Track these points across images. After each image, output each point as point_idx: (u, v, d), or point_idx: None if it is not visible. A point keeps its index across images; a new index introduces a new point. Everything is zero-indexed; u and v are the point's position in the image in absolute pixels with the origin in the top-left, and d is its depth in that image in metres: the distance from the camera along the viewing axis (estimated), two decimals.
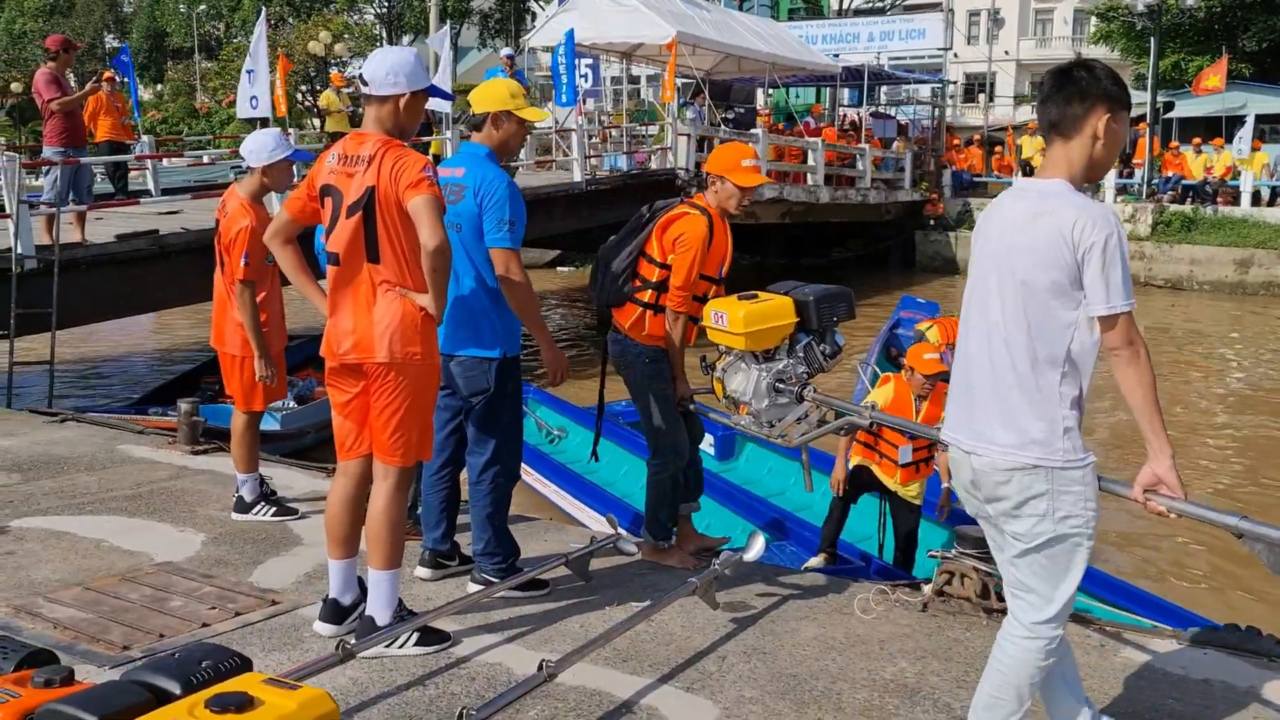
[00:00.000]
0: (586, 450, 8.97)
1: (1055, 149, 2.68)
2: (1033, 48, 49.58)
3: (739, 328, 4.15)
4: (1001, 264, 2.66)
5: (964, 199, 23.52)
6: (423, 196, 3.29)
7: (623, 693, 3.35)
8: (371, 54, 3.59)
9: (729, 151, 4.48)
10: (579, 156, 14.37)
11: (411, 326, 3.42)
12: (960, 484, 2.85)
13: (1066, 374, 2.61)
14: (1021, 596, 2.74)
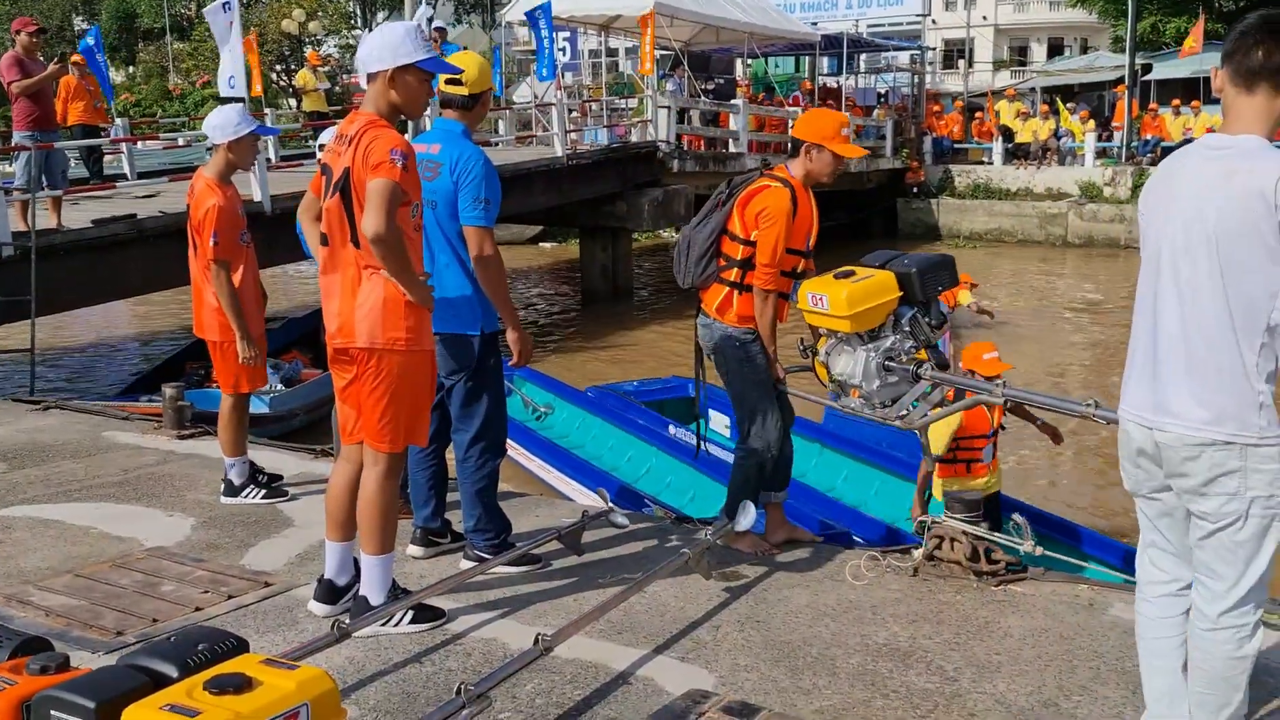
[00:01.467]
0: (573, 426, 9.07)
1: (1258, 100, 2.47)
2: (1010, 12, 49.42)
3: (843, 310, 3.95)
4: (1192, 228, 2.48)
5: (944, 165, 23.53)
6: (378, 180, 3.20)
7: (619, 664, 3.37)
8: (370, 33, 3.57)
9: (826, 119, 4.23)
10: (559, 131, 14.28)
11: (394, 312, 3.37)
12: (1131, 459, 2.69)
13: (1266, 345, 2.45)
14: (1204, 583, 2.59)
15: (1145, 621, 2.78)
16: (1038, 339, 13.23)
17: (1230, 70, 2.51)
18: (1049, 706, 3.14)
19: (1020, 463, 8.49)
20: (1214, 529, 2.52)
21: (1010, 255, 20.89)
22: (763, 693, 3.21)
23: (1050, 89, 30.47)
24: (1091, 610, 3.84)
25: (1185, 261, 2.50)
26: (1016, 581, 4.10)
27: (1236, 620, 2.53)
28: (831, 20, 29.11)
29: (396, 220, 3.25)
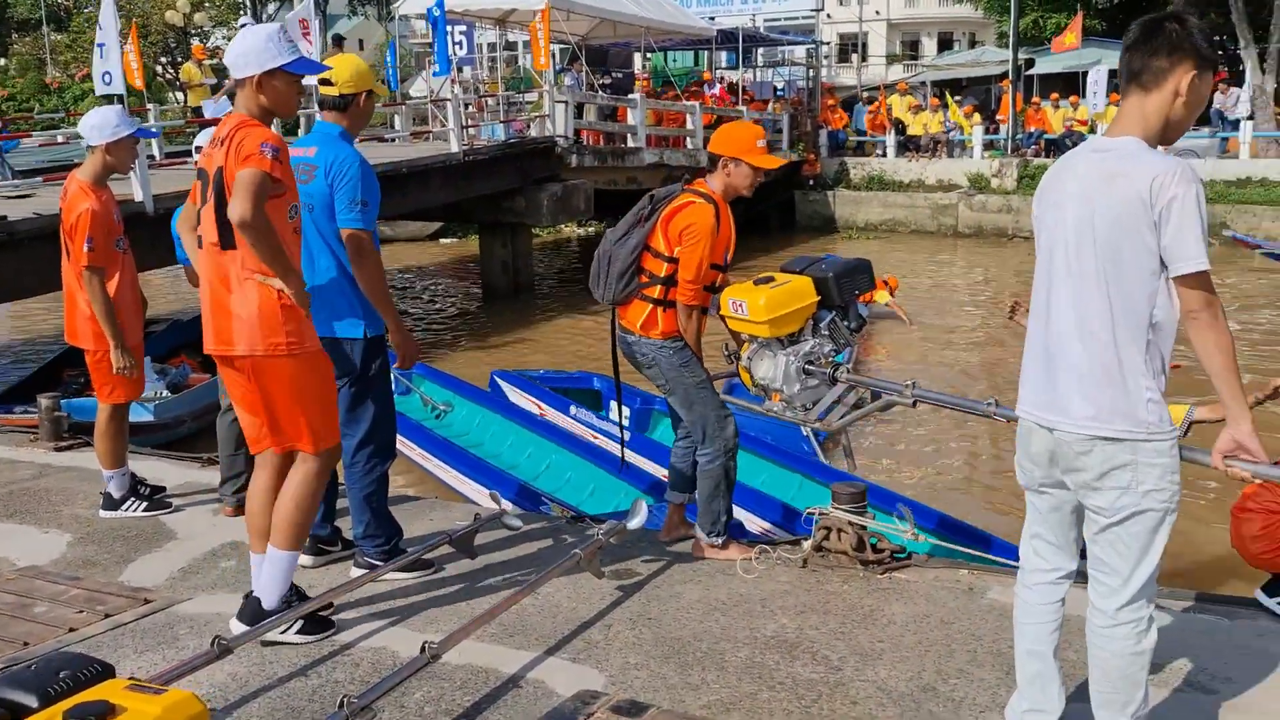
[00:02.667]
0: (472, 424, 9.01)
1: (1132, 101, 2.55)
2: (902, 7, 50.56)
3: (761, 315, 4.00)
4: (1081, 229, 2.54)
5: (840, 158, 23.95)
6: (245, 170, 3.18)
7: (509, 668, 3.37)
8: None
9: (741, 132, 4.20)
10: (455, 127, 14.12)
11: (271, 316, 3.32)
12: (1027, 455, 2.74)
13: (1151, 342, 2.51)
14: (1100, 579, 2.64)
15: (1024, 607, 2.89)
16: (935, 329, 13.58)
17: (1120, 74, 2.61)
18: (927, 691, 3.24)
19: (907, 455, 8.72)
20: (1108, 523, 2.59)
21: (904, 245, 21.37)
22: (652, 690, 3.24)
23: (940, 83, 31.28)
24: (971, 595, 3.98)
25: (1075, 262, 2.57)
26: (901, 569, 4.22)
27: (1133, 615, 2.60)
28: (728, 15, 29.45)
29: (266, 211, 3.21)
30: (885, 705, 3.15)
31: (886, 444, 8.88)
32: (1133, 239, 2.46)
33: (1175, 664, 3.39)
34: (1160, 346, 2.54)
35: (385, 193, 4.00)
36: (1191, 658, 3.43)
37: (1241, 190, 19.85)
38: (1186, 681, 3.29)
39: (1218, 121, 22.75)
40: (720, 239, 4.10)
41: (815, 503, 4.51)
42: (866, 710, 3.13)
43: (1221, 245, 18.64)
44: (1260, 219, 19.10)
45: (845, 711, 3.12)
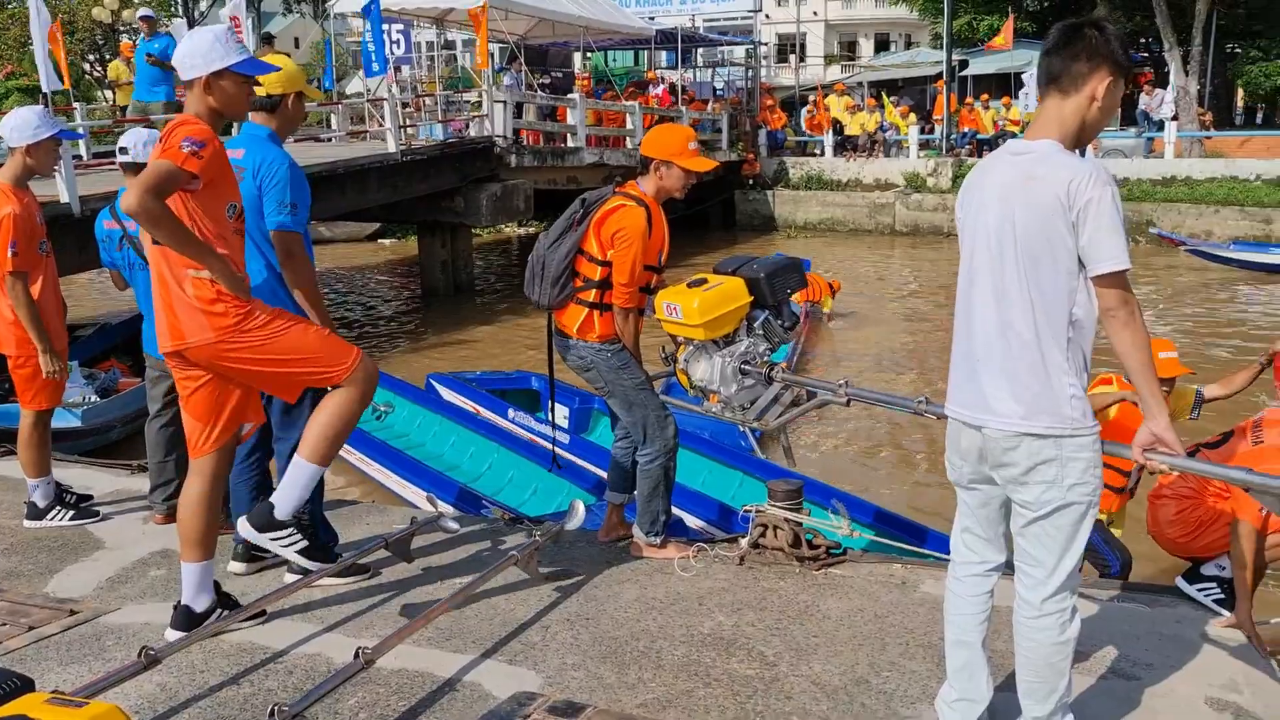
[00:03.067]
0: (413, 426, 8.94)
1: (1050, 105, 2.61)
2: (840, 9, 51.13)
3: (695, 319, 4.01)
4: (1002, 230, 2.59)
5: (779, 158, 24.16)
6: (158, 161, 3.12)
7: (445, 671, 3.35)
8: None
9: (672, 135, 4.19)
10: (392, 126, 13.98)
11: (208, 303, 3.26)
12: (957, 452, 2.80)
13: (1071, 340, 2.56)
14: (1027, 571, 2.71)
15: (953, 598, 2.95)
16: (873, 326, 13.76)
17: (1038, 77, 2.67)
18: (860, 684, 3.29)
19: (848, 450, 8.83)
20: (1034, 517, 2.65)
21: (842, 244, 21.63)
22: (589, 690, 3.25)
23: (877, 83, 31.70)
24: (904, 589, 4.04)
25: (996, 262, 2.63)
26: (836, 564, 4.27)
27: (1058, 605, 2.68)
28: (667, 15, 29.46)
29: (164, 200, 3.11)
30: (819, 699, 3.19)
31: (827, 440, 8.98)
32: (1051, 239, 2.52)
33: (1100, 652, 3.48)
34: (1081, 344, 2.60)
35: (321, 193, 3.97)
36: (1115, 645, 3.52)
37: (1166, 189, 20.39)
38: (1110, 669, 3.38)
39: (1144, 122, 23.34)
40: (653, 241, 4.12)
41: (755, 500, 4.55)
42: (800, 705, 3.16)
43: (1149, 243, 19.15)
44: (1185, 216, 19.64)
45: (780, 707, 3.15)
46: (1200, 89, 25.30)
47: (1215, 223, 19.35)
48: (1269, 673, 3.40)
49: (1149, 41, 29.38)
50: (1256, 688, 3.27)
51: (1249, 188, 19.76)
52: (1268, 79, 27.31)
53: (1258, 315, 14.05)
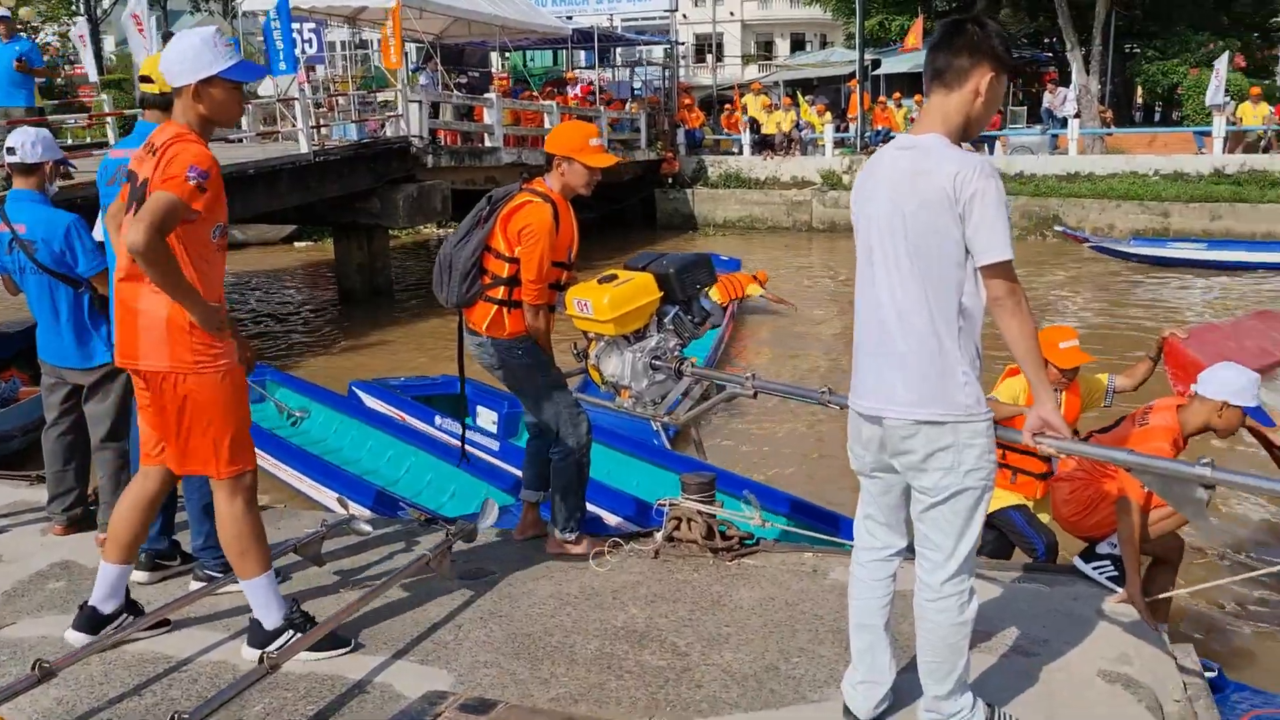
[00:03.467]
0: (329, 430, 8.80)
1: (935, 100, 2.67)
2: (756, 9, 51.62)
3: (605, 314, 4.02)
4: (893, 223, 2.65)
5: (698, 157, 24.32)
6: (159, 193, 3.01)
7: (355, 674, 3.31)
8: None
9: (573, 131, 4.19)
10: (304, 126, 13.74)
11: (178, 332, 3.15)
12: (859, 442, 2.86)
13: (962, 329, 2.63)
14: (926, 554, 2.78)
15: (856, 583, 3.01)
16: (798, 321, 13.93)
17: (924, 73, 2.75)
18: (770, 670, 3.34)
19: (765, 441, 8.93)
20: (932, 502, 2.73)
21: (762, 241, 21.85)
22: (501, 686, 3.25)
23: (792, 82, 32.11)
24: (815, 576, 4.11)
25: (889, 255, 2.69)
26: (749, 554, 4.33)
27: (956, 588, 2.76)
28: (584, 14, 29.49)
29: (183, 234, 3.06)
30: (729, 687, 3.24)
31: (745, 432, 9.08)
32: (939, 231, 2.60)
33: (1002, 632, 3.59)
34: (971, 333, 2.68)
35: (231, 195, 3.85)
36: (1016, 625, 3.63)
37: (1071, 185, 21.01)
38: (1011, 647, 3.49)
39: (1048, 120, 24.02)
40: (561, 237, 4.12)
41: (671, 494, 4.58)
42: (711, 693, 3.20)
43: (1055, 238, 19.73)
44: (1088, 211, 20.26)
45: (690, 695, 3.19)
46: (1101, 87, 26.14)
47: (1117, 216, 20.00)
48: (1159, 644, 3.54)
49: (1053, 41, 30.23)
50: (1146, 659, 3.41)
51: (1148, 182, 20.46)
52: (1164, 77, 28.28)
53: (1160, 306, 14.56)
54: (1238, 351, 5.13)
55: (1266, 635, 5.25)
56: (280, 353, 12.67)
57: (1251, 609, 5.52)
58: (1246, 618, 5.43)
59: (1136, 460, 2.88)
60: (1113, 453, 3.05)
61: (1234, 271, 16.60)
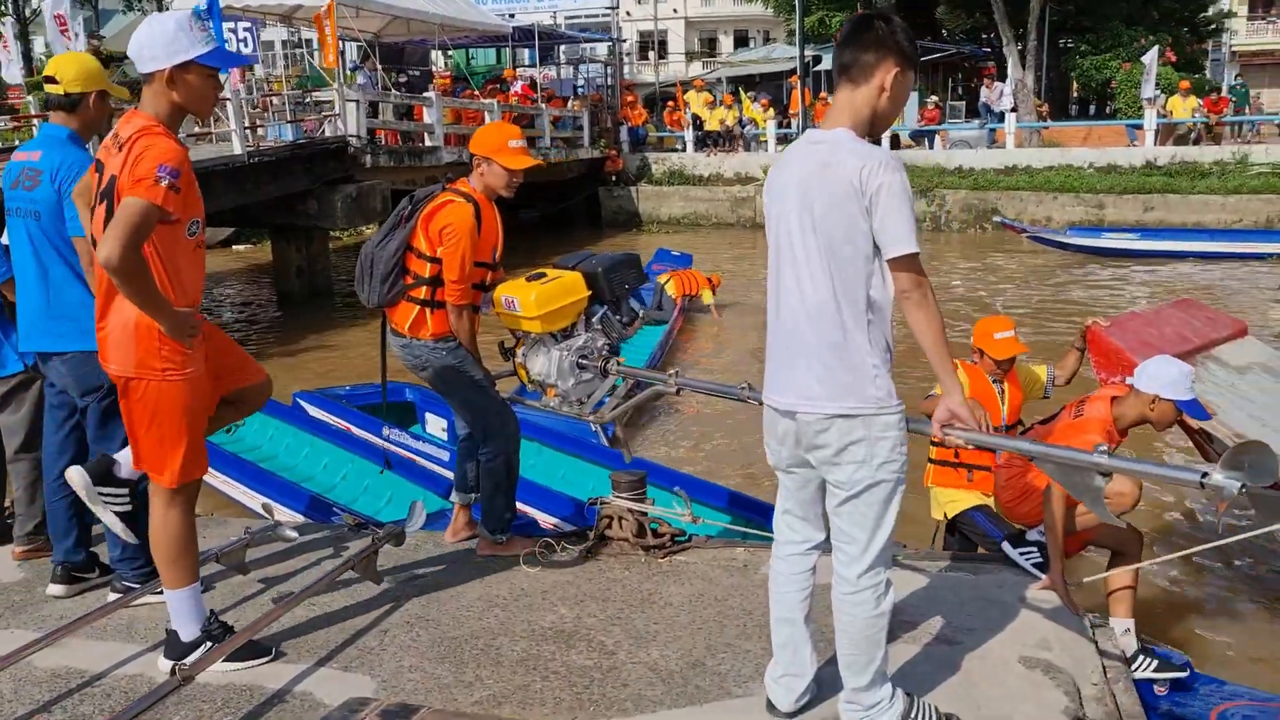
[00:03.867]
0: (265, 437, 8.66)
1: (842, 95, 2.69)
2: (699, 6, 51.74)
3: (532, 311, 3.99)
4: (802, 217, 2.66)
5: (641, 154, 24.32)
6: (130, 200, 2.86)
7: (275, 683, 3.25)
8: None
9: (494, 132, 4.15)
10: (237, 127, 13.51)
11: (146, 337, 3.05)
12: (774, 437, 2.85)
13: (872, 321, 2.64)
14: (842, 548, 2.78)
15: (776, 577, 3.02)
16: (748, 315, 13.97)
17: (833, 69, 2.75)
18: (696, 667, 3.34)
19: (705, 436, 8.96)
20: (847, 496, 2.73)
21: (706, 238, 21.90)
22: (425, 691, 3.21)
23: (735, 79, 32.22)
24: (745, 571, 4.12)
25: (799, 249, 2.70)
26: (681, 551, 4.33)
27: (872, 580, 2.77)
28: (526, 12, 29.37)
29: (156, 236, 2.93)
30: (654, 684, 3.23)
31: (686, 427, 9.09)
32: (847, 225, 2.61)
33: (927, 621, 3.62)
34: (881, 326, 2.69)
35: None
36: (941, 613, 3.67)
37: (1009, 178, 21.33)
38: (935, 636, 3.52)
39: (985, 114, 24.36)
40: (484, 237, 4.08)
41: (608, 493, 4.56)
42: (636, 691, 3.19)
43: (994, 230, 20.02)
44: (1026, 204, 20.58)
45: (615, 694, 3.17)
46: (1037, 82, 26.57)
47: (1054, 209, 20.34)
48: (1081, 630, 3.59)
49: (991, 37, 30.67)
50: (1066, 645, 3.46)
51: (1083, 175, 20.84)
52: (1098, 71, 28.82)
53: (1094, 295, 14.82)
54: (1158, 339, 5.23)
55: (1235, 628, 5.31)
56: None
57: (1221, 599, 5.59)
58: (1218, 612, 5.48)
59: (1039, 450, 2.92)
60: (1017, 443, 3.08)
61: (1166, 260, 16.98)
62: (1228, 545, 5.84)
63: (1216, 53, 44.79)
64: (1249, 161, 20.13)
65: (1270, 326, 11.60)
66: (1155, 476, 2.83)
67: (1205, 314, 5.93)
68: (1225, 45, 46.47)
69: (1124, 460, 2.78)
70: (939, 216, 21.27)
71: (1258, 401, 5.00)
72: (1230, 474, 2.39)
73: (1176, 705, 3.79)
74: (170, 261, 3.07)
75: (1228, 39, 46.14)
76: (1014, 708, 3.07)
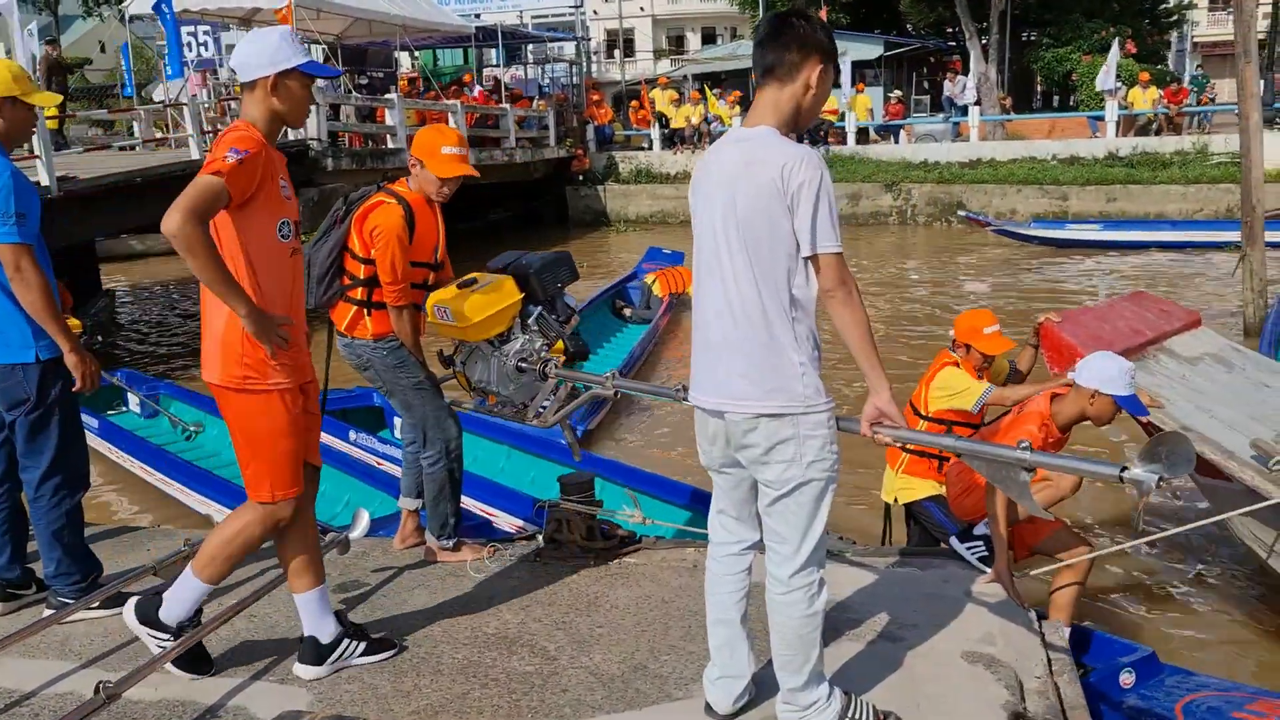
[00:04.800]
0: (224, 445, 8.56)
1: (767, 93, 2.67)
2: (666, 4, 51.75)
3: (465, 321, 3.96)
4: (725, 216, 2.64)
5: (608, 153, 24.28)
6: (201, 177, 2.89)
7: (209, 698, 3.20)
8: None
9: (431, 136, 4.12)
10: (194, 132, 13.36)
11: (232, 344, 3.05)
12: (705, 438, 2.83)
13: (797, 319, 2.62)
14: (775, 548, 2.77)
15: (712, 578, 2.99)
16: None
17: (754, 68, 2.72)
18: (638, 670, 3.31)
19: (674, 435, 8.94)
20: (777, 495, 2.71)
21: (674, 236, 21.88)
22: (361, 702, 3.16)
23: (702, 76, 32.20)
24: (694, 571, 4.09)
25: (725, 247, 2.67)
26: (630, 553, 4.30)
27: (805, 580, 2.75)
28: (490, 12, 29.22)
29: (205, 222, 2.88)
30: (594, 689, 3.20)
31: (656, 425, 9.06)
32: (771, 222, 2.58)
33: (871, 618, 3.61)
34: (807, 323, 2.67)
35: (120, 204, 3.69)
36: (886, 610, 3.66)
37: (973, 171, 21.45)
38: (880, 634, 3.51)
39: (950, 108, 24.47)
40: (421, 238, 4.03)
41: None
42: (575, 696, 3.16)
43: (959, 224, 20.12)
44: (991, 197, 20.70)
45: (554, 700, 3.14)
46: (1000, 75, 26.73)
47: (1019, 201, 20.46)
48: (1025, 623, 3.59)
49: (954, 31, 30.82)
50: (1010, 639, 3.46)
51: (1047, 167, 20.98)
52: (1060, 64, 29.03)
53: (1057, 287, 14.92)
54: (1111, 333, 5.24)
55: (1196, 619, 5.32)
56: (179, 366, 12.31)
57: (1184, 591, 5.61)
58: (1180, 604, 5.49)
59: (965, 447, 2.91)
60: (945, 440, 3.08)
61: (1128, 250, 17.12)
62: (1188, 537, 5.89)
63: (1179, 44, 45.24)
64: (1209, 151, 20.33)
65: (1228, 315, 11.70)
66: (1075, 471, 2.82)
67: (1159, 306, 5.95)
68: (1187, 37, 46.97)
69: (1045, 456, 2.77)
70: (904, 210, 21.37)
71: (1207, 393, 5.02)
72: (1149, 467, 2.38)
73: (1143, 698, 3.79)
74: (253, 255, 3.05)
75: (1189, 30, 46.64)
76: (955, 703, 3.06)
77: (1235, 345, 5.86)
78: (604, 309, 11.37)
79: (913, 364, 10.13)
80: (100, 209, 11.76)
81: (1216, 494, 4.78)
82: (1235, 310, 11.44)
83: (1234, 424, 4.62)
